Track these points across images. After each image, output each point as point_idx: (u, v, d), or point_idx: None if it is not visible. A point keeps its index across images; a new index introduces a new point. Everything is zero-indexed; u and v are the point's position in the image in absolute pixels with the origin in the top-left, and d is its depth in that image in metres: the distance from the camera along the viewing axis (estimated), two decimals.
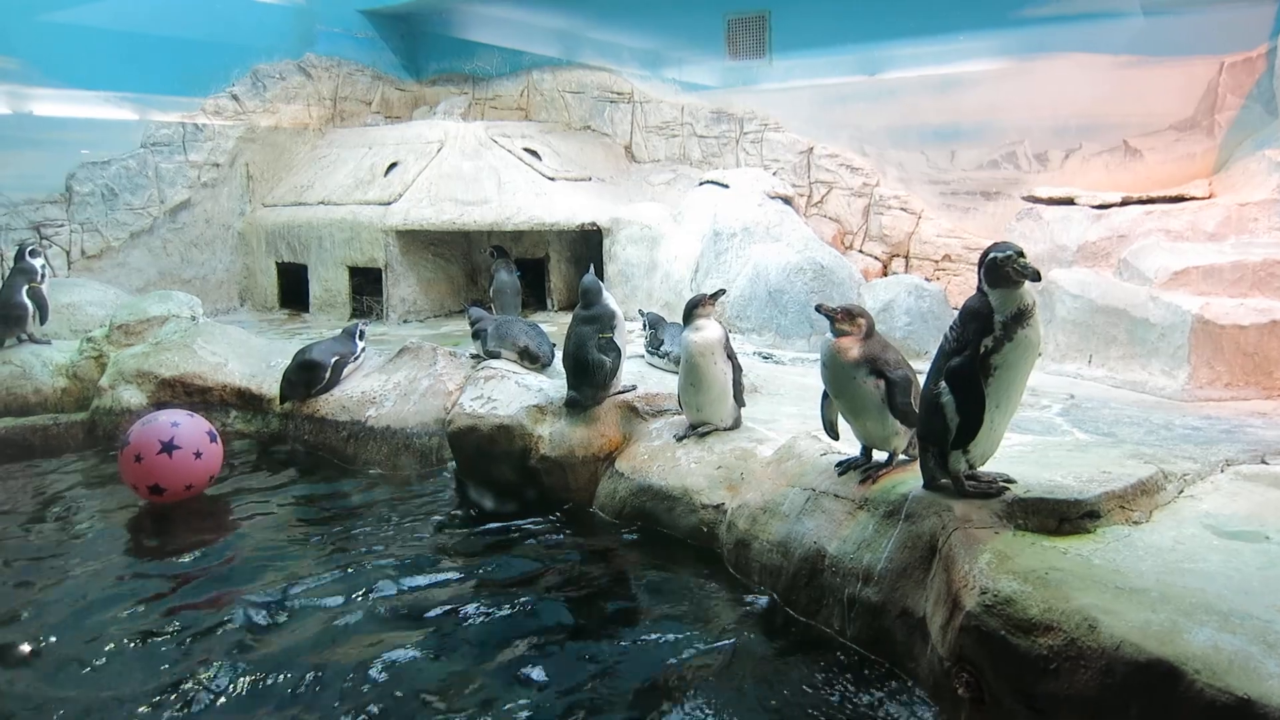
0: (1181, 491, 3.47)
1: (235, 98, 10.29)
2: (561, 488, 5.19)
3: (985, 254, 3.21)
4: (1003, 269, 3.14)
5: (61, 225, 8.99)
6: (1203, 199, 6.72)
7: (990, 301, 3.19)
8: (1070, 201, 7.09)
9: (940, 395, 3.22)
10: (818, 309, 3.75)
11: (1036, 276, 3.14)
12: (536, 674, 3.44)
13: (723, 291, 5.08)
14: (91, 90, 9.15)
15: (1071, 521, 3.15)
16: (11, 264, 7.24)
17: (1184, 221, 6.52)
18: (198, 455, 5.24)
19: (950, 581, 3.01)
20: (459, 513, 5.24)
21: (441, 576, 4.35)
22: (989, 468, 3.40)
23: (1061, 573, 2.81)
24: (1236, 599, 2.58)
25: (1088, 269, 6.56)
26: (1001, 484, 3.32)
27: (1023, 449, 3.99)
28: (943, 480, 3.38)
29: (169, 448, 5.14)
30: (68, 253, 9.06)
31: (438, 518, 5.13)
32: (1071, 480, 3.33)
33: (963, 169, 8.41)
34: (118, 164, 9.36)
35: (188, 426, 5.29)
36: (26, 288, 6.93)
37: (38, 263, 7.06)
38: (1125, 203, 6.85)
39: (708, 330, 4.72)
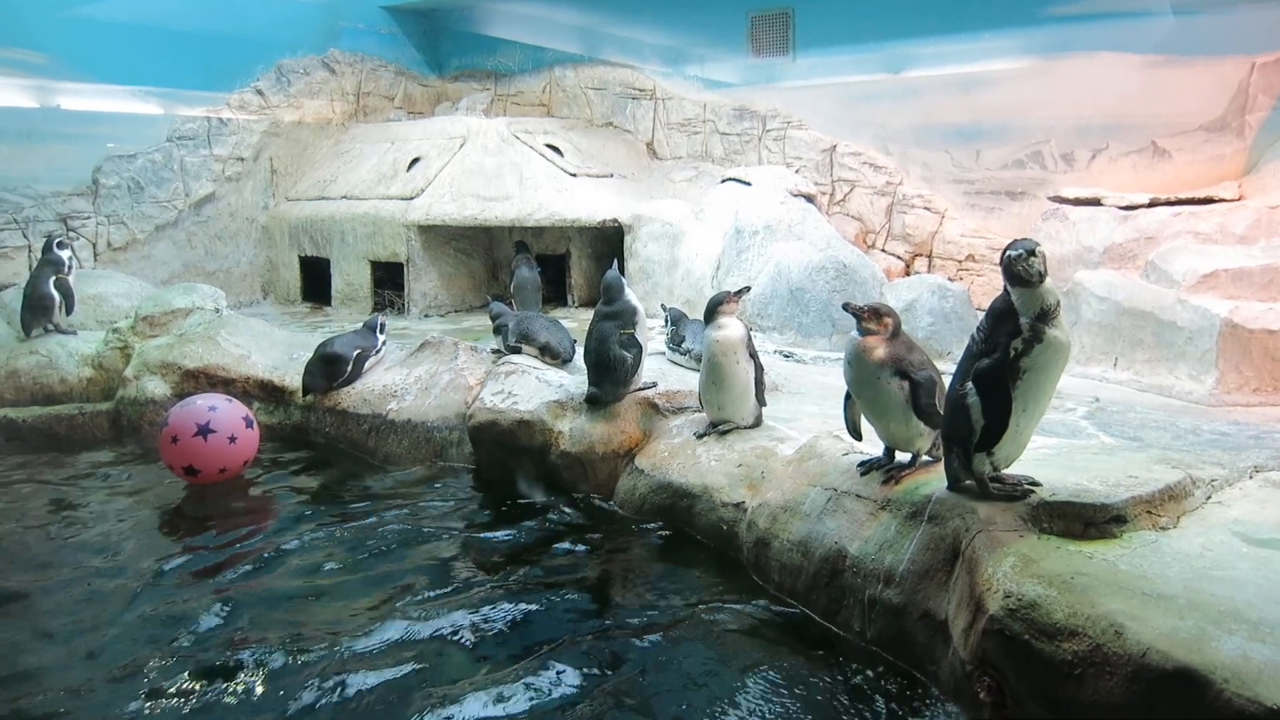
0: (1209, 498, 3.43)
1: (260, 92, 10.35)
2: (581, 483, 5.19)
3: (1002, 254, 3.18)
4: (1012, 268, 3.11)
5: (88, 218, 9.08)
6: (1232, 201, 6.63)
7: (1013, 301, 3.15)
8: (1097, 202, 7.02)
9: (967, 396, 3.19)
10: (845, 307, 3.72)
11: (1040, 279, 3.10)
12: (548, 668, 3.44)
13: (747, 289, 5.07)
14: (118, 85, 9.23)
15: (1098, 526, 3.11)
16: (39, 255, 7.31)
17: (1213, 224, 6.44)
18: (232, 440, 5.36)
19: (973, 584, 2.99)
20: (478, 506, 5.25)
21: (456, 569, 4.37)
22: (1014, 470, 3.37)
23: (1087, 578, 2.78)
24: (1266, 608, 2.54)
25: (1114, 271, 6.49)
26: (1027, 487, 3.29)
27: (1048, 452, 3.95)
28: (967, 482, 3.35)
29: (204, 431, 5.26)
30: (94, 245, 9.15)
31: (457, 511, 5.15)
32: (1098, 484, 3.30)
33: (987, 168, 8.34)
34: (143, 157, 9.44)
35: (225, 411, 5.40)
36: (54, 279, 7.00)
37: (65, 254, 7.12)
38: (1153, 204, 6.77)
39: (730, 329, 4.71)
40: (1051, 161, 7.98)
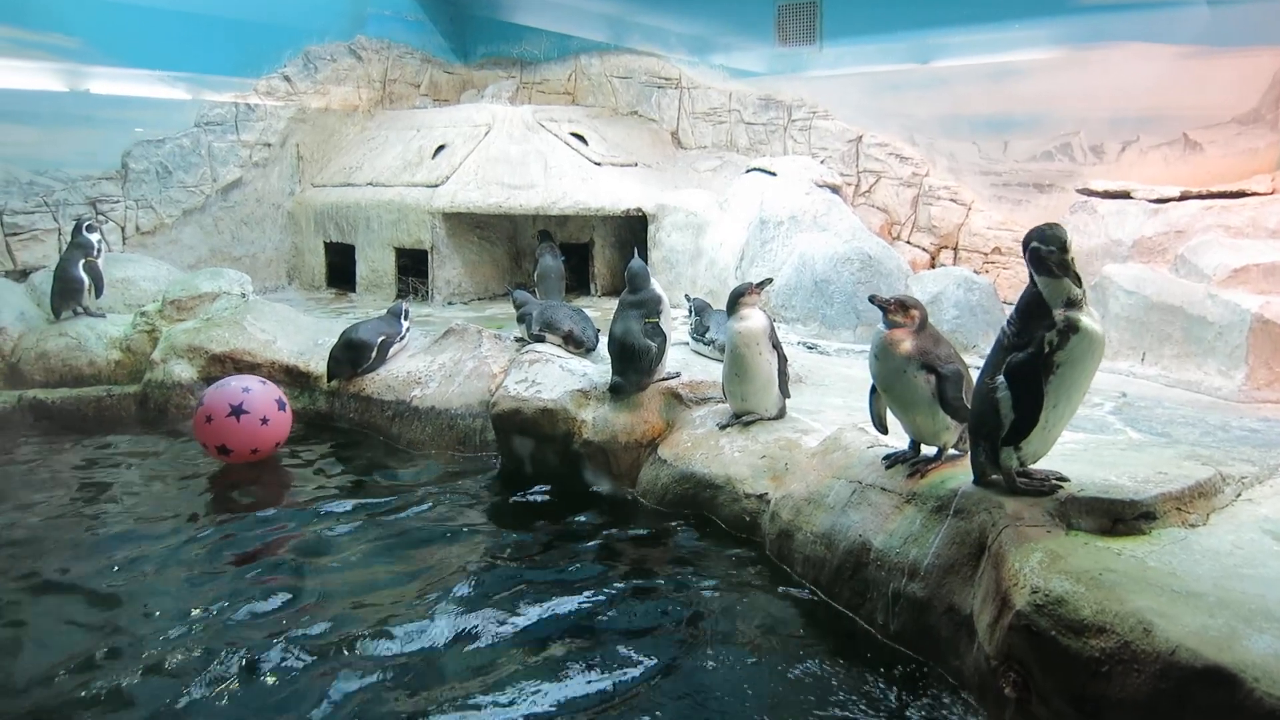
0: (1239, 495, 3.39)
1: (287, 79, 10.40)
2: (603, 472, 5.20)
3: (1028, 240, 3.13)
4: (1045, 262, 3.08)
5: (117, 201, 9.16)
6: (1265, 195, 6.54)
7: (1041, 291, 3.12)
8: (1126, 195, 6.94)
9: (996, 390, 3.16)
10: (871, 300, 3.70)
11: (1077, 281, 3.07)
12: (567, 658, 3.45)
13: (769, 280, 5.05)
14: (147, 70, 9.29)
15: (1126, 522, 3.08)
16: (69, 238, 7.39)
17: (1245, 218, 6.36)
18: (264, 421, 5.46)
19: (1000, 579, 2.97)
20: (500, 494, 5.27)
21: (478, 557, 4.39)
22: (1041, 465, 3.35)
23: (1115, 574, 2.75)
24: None
25: (1143, 264, 6.43)
26: (1054, 482, 3.26)
27: (1075, 447, 3.91)
28: (993, 476, 3.33)
29: (237, 412, 5.36)
30: (123, 228, 9.23)
31: (479, 498, 5.17)
32: (1126, 480, 3.26)
33: (1015, 160, 8.27)
34: (172, 142, 9.51)
35: (258, 393, 5.50)
36: (83, 262, 7.08)
37: (94, 238, 7.20)
38: (1184, 197, 6.69)
39: (753, 320, 4.70)
40: (1080, 153, 7.89)
